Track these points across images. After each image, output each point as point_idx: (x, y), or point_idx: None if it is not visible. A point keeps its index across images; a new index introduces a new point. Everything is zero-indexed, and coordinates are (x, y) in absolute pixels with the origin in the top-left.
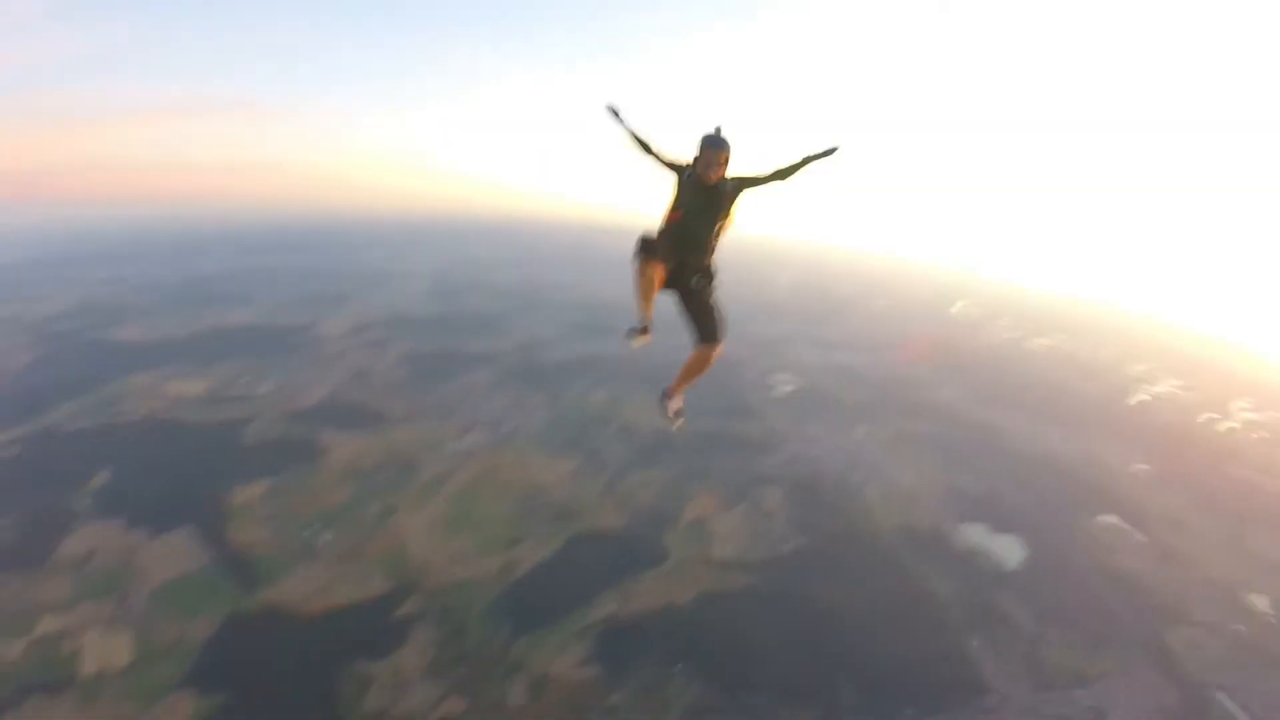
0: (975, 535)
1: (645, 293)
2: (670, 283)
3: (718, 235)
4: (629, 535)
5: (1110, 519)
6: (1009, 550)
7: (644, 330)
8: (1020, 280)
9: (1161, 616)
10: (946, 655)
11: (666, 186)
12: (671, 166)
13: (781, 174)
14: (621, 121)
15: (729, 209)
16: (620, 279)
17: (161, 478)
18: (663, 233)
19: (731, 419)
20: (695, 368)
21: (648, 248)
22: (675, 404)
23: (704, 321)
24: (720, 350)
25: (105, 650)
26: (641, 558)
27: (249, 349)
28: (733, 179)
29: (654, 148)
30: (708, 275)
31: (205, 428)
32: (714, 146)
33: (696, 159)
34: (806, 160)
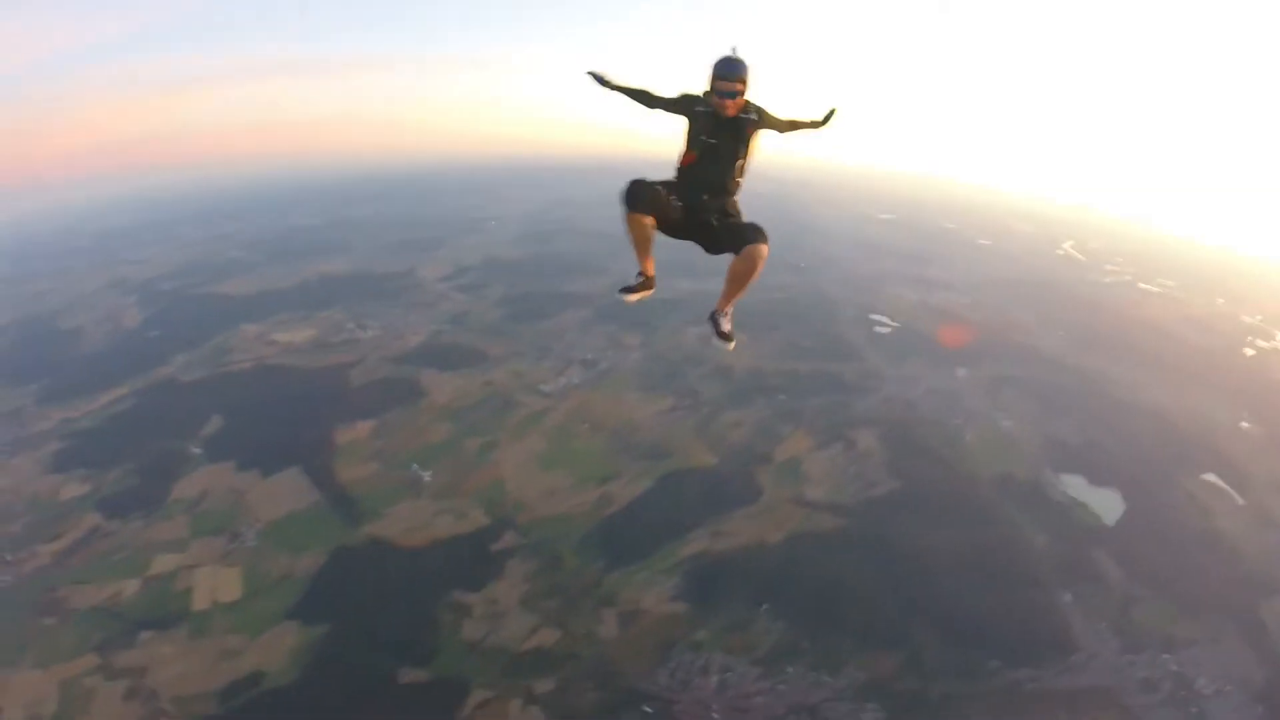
0: (1073, 487)
1: (638, 245)
2: (687, 230)
3: (739, 174)
4: (721, 473)
5: (1211, 478)
6: (1106, 504)
7: (644, 285)
8: (1136, 220)
9: (1257, 586)
10: (1036, 609)
11: (679, 128)
12: (680, 104)
13: (792, 126)
14: (609, 85)
15: (750, 144)
16: None
17: (271, 422)
18: (675, 179)
19: (827, 359)
20: (740, 277)
21: (631, 198)
22: (726, 323)
23: (741, 229)
24: (766, 254)
25: (216, 586)
26: (733, 496)
27: (351, 296)
28: (756, 109)
29: (655, 95)
30: (729, 216)
31: (312, 372)
32: (730, 70)
33: (709, 89)
34: (813, 124)
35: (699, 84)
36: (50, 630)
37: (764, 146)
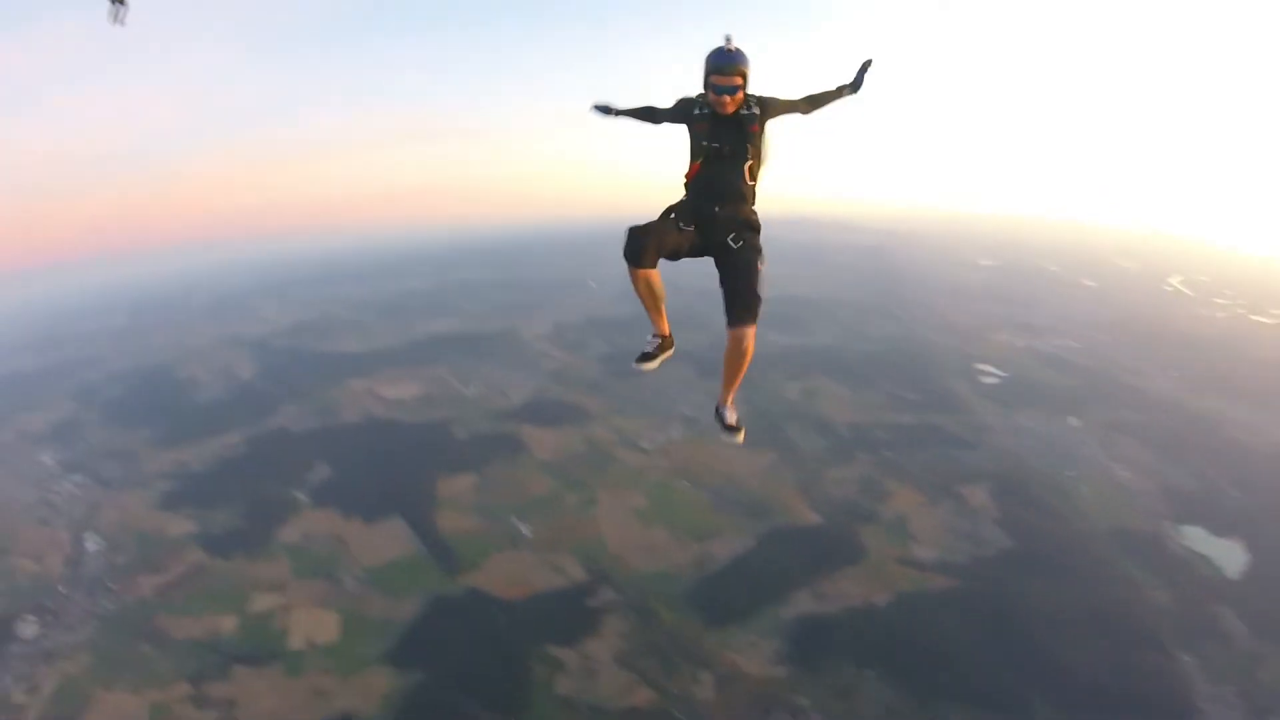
0: (1192, 538)
1: (648, 302)
2: (703, 247)
3: (753, 177)
4: (825, 531)
5: None
6: (1228, 556)
7: (662, 346)
8: (1243, 247)
9: None
10: (1155, 671)
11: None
12: (678, 112)
13: (812, 102)
14: (614, 112)
15: (759, 142)
16: (813, 272)
17: (376, 471)
18: (682, 198)
19: (932, 411)
20: (733, 364)
21: (631, 252)
22: (731, 415)
23: (737, 293)
24: (753, 335)
25: (312, 627)
26: (838, 555)
27: (456, 355)
28: (757, 101)
29: (657, 110)
30: (749, 229)
31: (417, 426)
32: (726, 62)
33: (705, 86)
34: (840, 91)
35: (695, 86)
36: (147, 657)
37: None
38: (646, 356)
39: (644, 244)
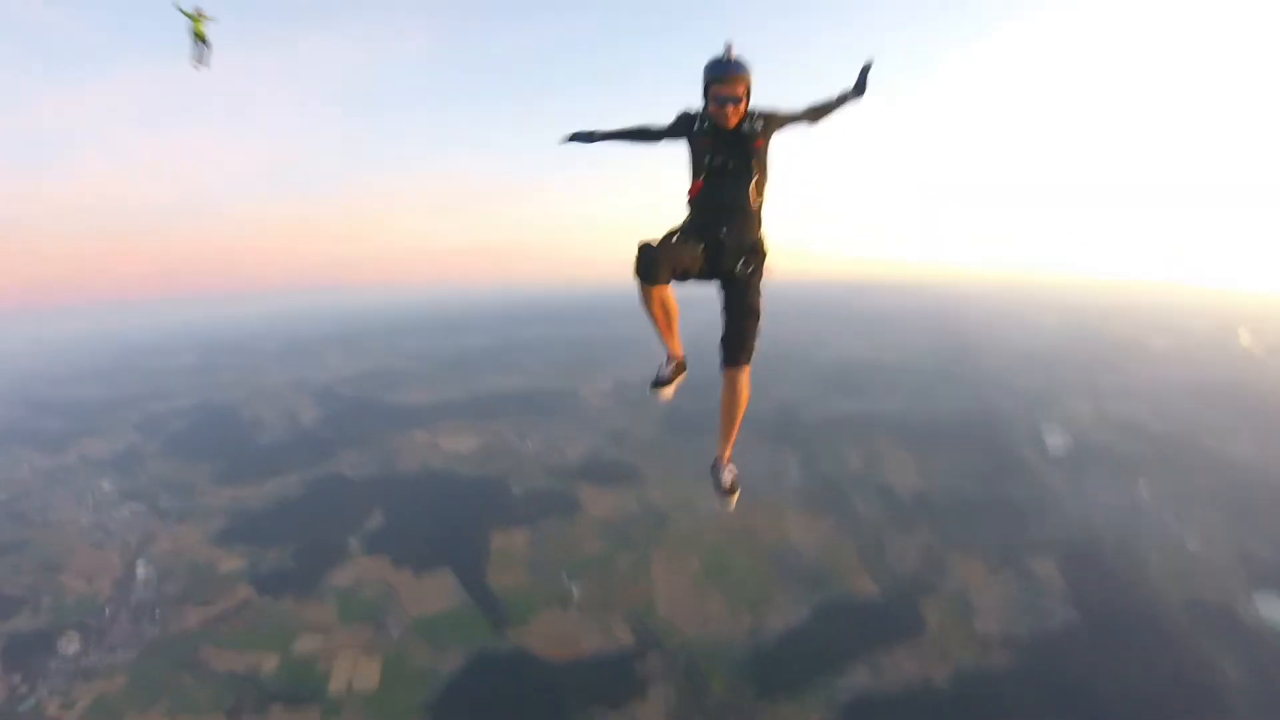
0: (1271, 609)
1: (661, 324)
2: (710, 270)
3: (759, 195)
4: (883, 603)
5: None
6: None
7: (676, 370)
8: None
9: None
10: None
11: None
12: (677, 127)
13: (815, 112)
14: (594, 138)
15: (764, 158)
16: (878, 338)
17: (430, 522)
18: (687, 218)
19: (998, 479)
20: (732, 410)
21: (645, 269)
22: (728, 475)
23: (742, 330)
24: (748, 376)
25: (355, 672)
26: (895, 628)
27: (517, 411)
28: (759, 115)
29: (652, 129)
30: (758, 255)
31: (474, 479)
32: (727, 72)
33: (706, 97)
34: (843, 98)
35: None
36: (185, 685)
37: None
38: (662, 382)
39: (658, 259)
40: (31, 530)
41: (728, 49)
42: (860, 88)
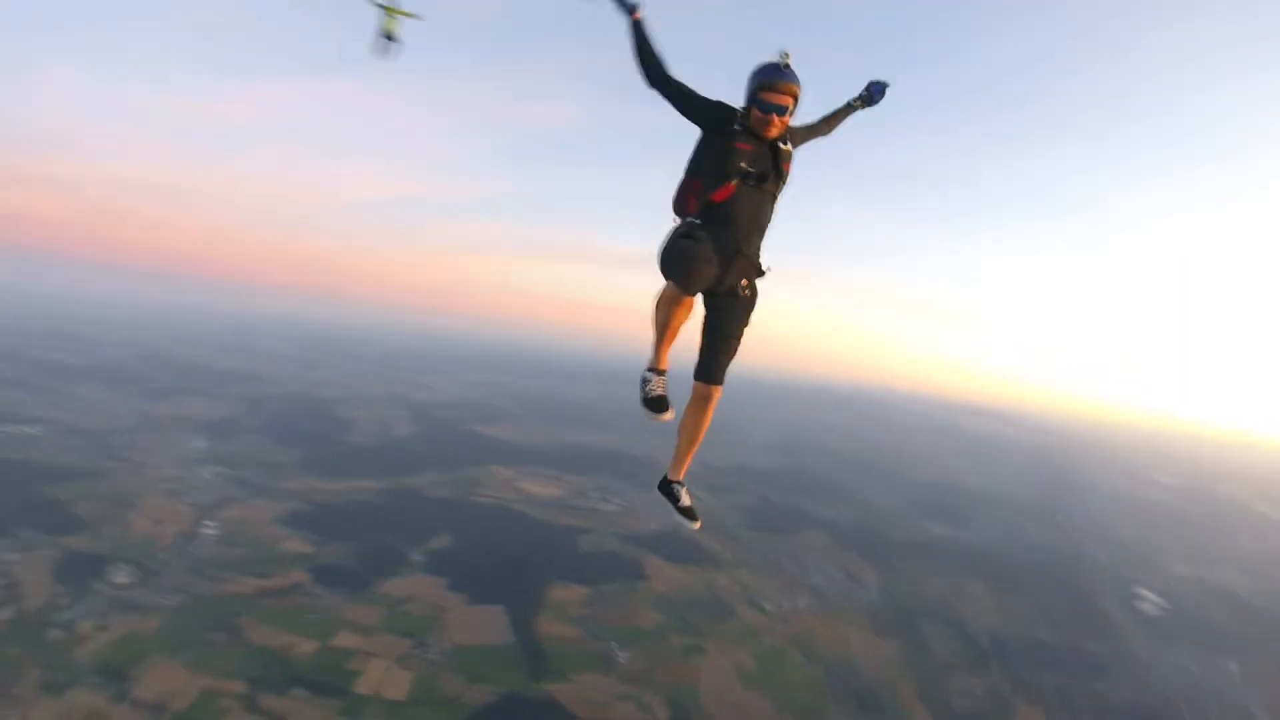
0: None
1: (671, 332)
2: (712, 286)
3: (772, 215)
4: None
5: None
6: None
7: (661, 381)
8: None
9: None
10: None
11: (695, 144)
12: (717, 112)
13: (829, 123)
14: (638, 31)
15: (787, 179)
16: (979, 463)
17: (493, 557)
18: (702, 221)
19: (1079, 631)
20: (695, 429)
21: (688, 271)
22: (687, 497)
23: (726, 349)
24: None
25: (384, 680)
26: None
27: (602, 469)
28: (791, 131)
29: (693, 92)
30: (760, 275)
31: (546, 526)
32: (782, 78)
33: (750, 102)
34: (851, 106)
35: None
36: (216, 645)
37: None
38: (662, 405)
39: (700, 269)
40: (114, 464)
41: (783, 56)
42: (870, 98)
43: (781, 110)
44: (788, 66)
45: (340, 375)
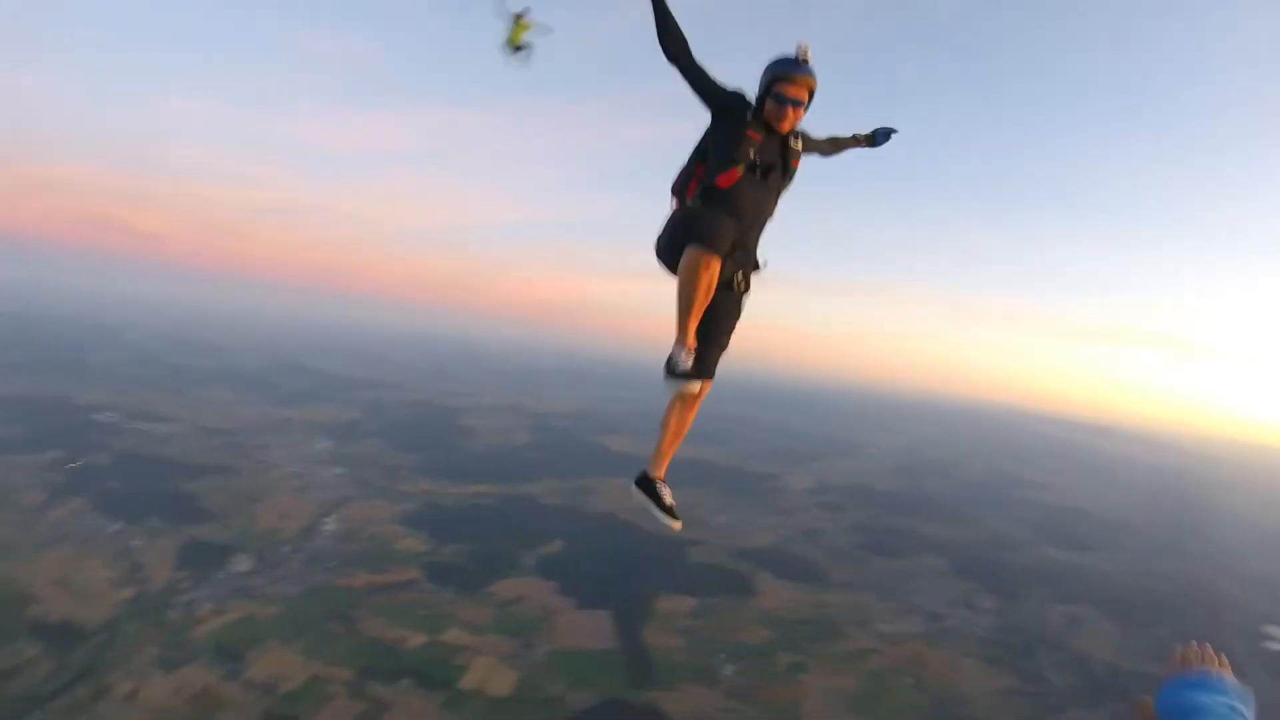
0: None
1: (699, 301)
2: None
3: (774, 211)
4: None
5: None
6: None
7: (708, 367)
8: None
9: None
10: None
11: (706, 126)
12: (730, 100)
13: (834, 145)
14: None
15: (794, 174)
16: (1106, 487)
17: (604, 564)
18: (714, 208)
19: None
20: (682, 426)
21: (714, 232)
22: (669, 494)
23: (722, 341)
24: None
25: (490, 676)
26: None
27: (716, 483)
28: (800, 133)
29: (707, 73)
30: (756, 270)
31: (658, 538)
32: (799, 71)
33: (764, 93)
34: (857, 140)
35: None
36: (329, 634)
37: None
38: (687, 374)
39: (725, 228)
40: (245, 462)
41: (802, 50)
42: (876, 140)
43: (797, 103)
44: (806, 60)
45: (464, 386)
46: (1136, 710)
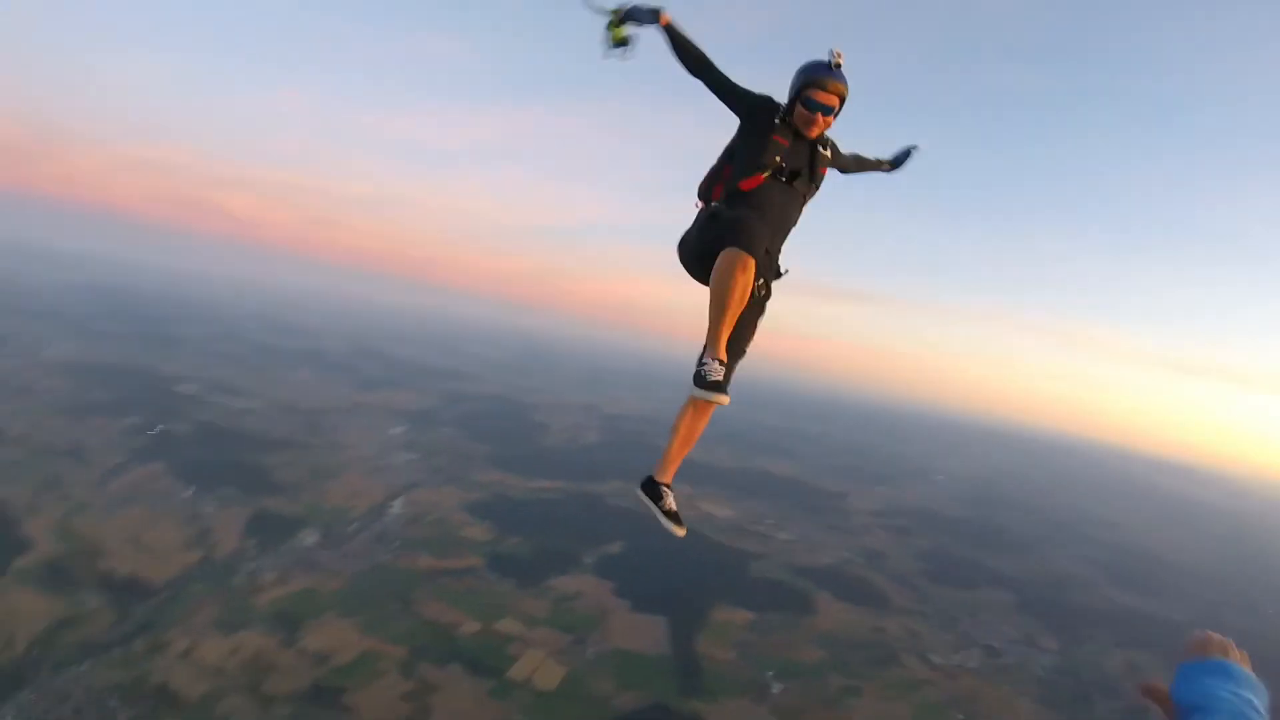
0: None
1: (733, 307)
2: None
3: (798, 219)
4: None
5: None
6: None
7: (724, 378)
8: None
9: None
10: None
11: (732, 131)
12: (755, 102)
13: (858, 164)
14: (675, 35)
15: (821, 182)
16: (1179, 530)
17: (663, 570)
18: (738, 212)
19: None
20: (693, 434)
21: (750, 236)
22: (669, 499)
23: (732, 350)
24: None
25: (539, 669)
26: None
27: (781, 497)
28: (829, 142)
29: (723, 75)
30: (775, 277)
31: (720, 548)
32: (832, 77)
33: (795, 97)
34: (879, 163)
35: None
36: (388, 613)
37: None
38: (719, 384)
39: (759, 227)
40: (320, 440)
41: (835, 55)
42: (898, 164)
43: (827, 110)
44: (839, 66)
45: (539, 382)
46: (1148, 693)
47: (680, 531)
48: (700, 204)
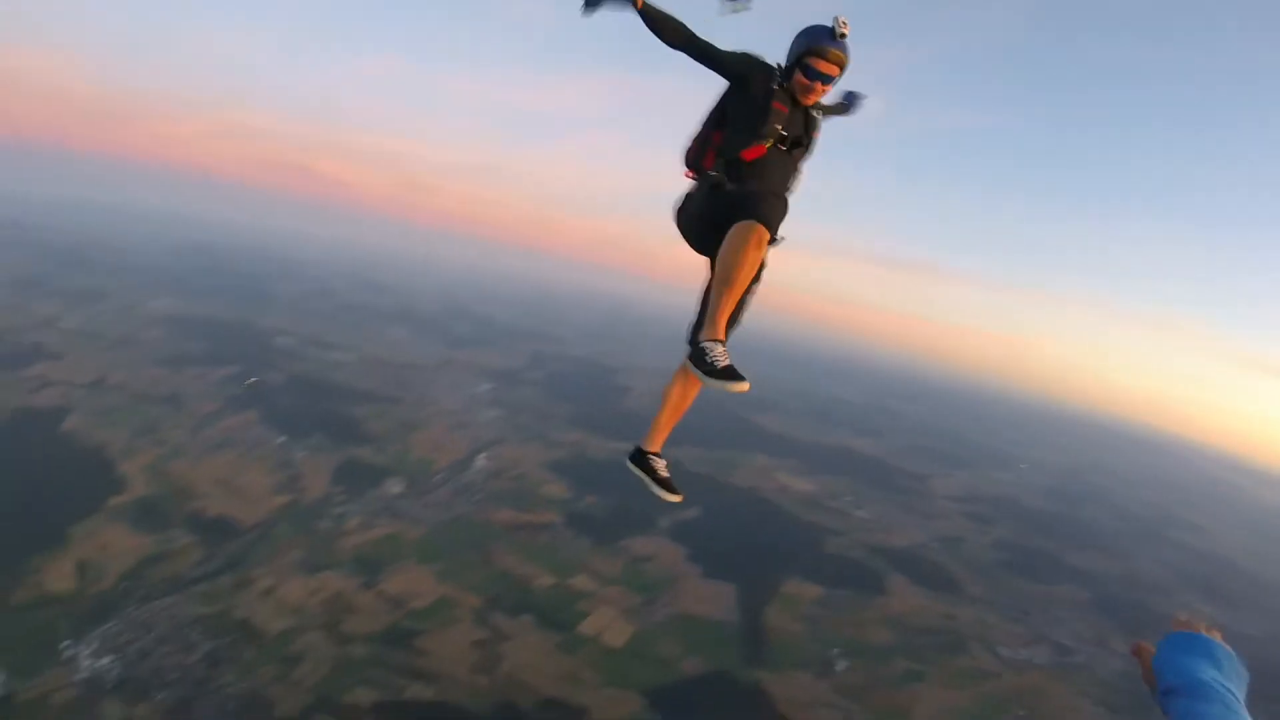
0: None
1: (745, 282)
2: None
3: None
4: None
5: None
6: None
7: (722, 347)
8: None
9: None
10: None
11: (720, 94)
12: (746, 66)
13: (827, 113)
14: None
15: (814, 145)
16: (1261, 544)
17: (735, 538)
18: (739, 175)
19: None
20: (684, 402)
21: (774, 197)
22: (663, 468)
23: (729, 327)
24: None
25: (607, 626)
26: None
27: (861, 475)
28: (820, 104)
29: (705, 42)
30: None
31: (795, 521)
32: (836, 45)
33: (793, 63)
34: (840, 108)
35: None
36: (465, 562)
37: None
38: (734, 371)
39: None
40: (408, 394)
41: (840, 23)
42: (849, 109)
43: (828, 79)
44: (844, 35)
45: (624, 346)
46: (1136, 654)
47: (677, 498)
48: (689, 172)
